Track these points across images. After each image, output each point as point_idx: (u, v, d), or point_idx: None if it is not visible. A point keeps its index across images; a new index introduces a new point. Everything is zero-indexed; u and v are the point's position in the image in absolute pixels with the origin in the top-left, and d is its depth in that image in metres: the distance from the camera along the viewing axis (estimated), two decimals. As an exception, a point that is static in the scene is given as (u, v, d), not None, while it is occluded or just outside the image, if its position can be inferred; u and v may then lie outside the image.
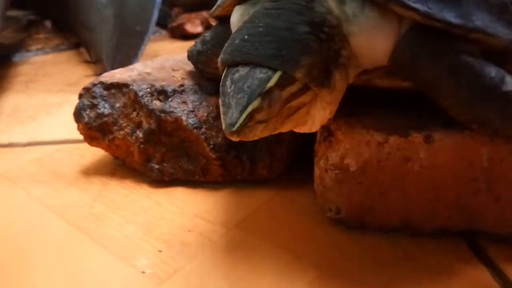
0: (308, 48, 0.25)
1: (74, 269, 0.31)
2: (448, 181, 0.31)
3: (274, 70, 0.25)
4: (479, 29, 0.27)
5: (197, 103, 0.38)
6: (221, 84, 0.26)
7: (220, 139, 0.38)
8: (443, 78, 0.27)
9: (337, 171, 0.32)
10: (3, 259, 0.32)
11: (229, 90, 0.25)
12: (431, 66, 0.27)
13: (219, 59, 0.27)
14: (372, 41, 0.28)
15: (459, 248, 0.33)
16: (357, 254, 0.32)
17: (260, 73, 0.25)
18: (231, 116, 0.24)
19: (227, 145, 0.39)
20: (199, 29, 0.98)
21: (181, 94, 0.39)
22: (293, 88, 0.25)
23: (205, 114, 0.38)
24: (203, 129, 0.38)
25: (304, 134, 0.39)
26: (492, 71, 0.27)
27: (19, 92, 0.65)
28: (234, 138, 0.25)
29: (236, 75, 0.25)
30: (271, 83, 0.25)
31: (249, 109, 0.24)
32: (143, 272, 0.31)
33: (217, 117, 0.38)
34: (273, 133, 0.27)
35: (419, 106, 0.32)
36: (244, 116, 0.24)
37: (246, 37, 0.26)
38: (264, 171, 0.39)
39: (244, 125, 0.24)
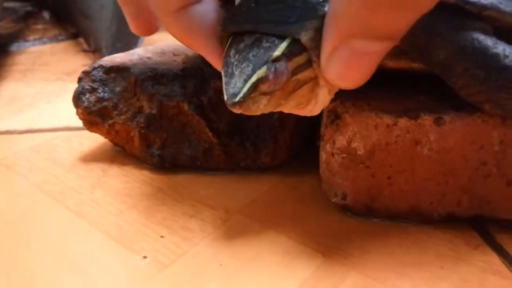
0: (316, 14, 0.24)
1: (74, 255, 0.30)
2: (458, 165, 0.30)
3: (282, 40, 0.24)
4: (493, 6, 0.26)
5: (199, 87, 0.37)
6: (224, 55, 0.25)
7: (222, 124, 0.38)
8: (456, 56, 0.26)
9: (344, 155, 0.31)
10: (2, 246, 0.31)
11: (232, 59, 0.24)
12: (443, 44, 0.27)
13: (221, 25, 0.26)
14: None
15: (468, 234, 0.32)
16: (364, 240, 0.31)
17: (266, 42, 0.24)
18: (234, 85, 0.23)
19: (230, 130, 0.38)
20: (198, 20, 0.97)
21: (183, 78, 0.38)
22: (300, 59, 0.24)
23: (207, 99, 0.37)
24: (205, 114, 0.37)
25: (307, 120, 0.38)
26: (506, 49, 0.26)
27: (16, 81, 0.64)
28: (236, 110, 0.23)
29: (241, 45, 0.24)
30: (278, 51, 0.23)
31: (254, 78, 0.23)
32: (144, 258, 0.30)
33: (219, 101, 0.37)
34: (276, 110, 0.26)
35: (429, 88, 0.32)
36: (248, 85, 0.23)
37: (252, 4, 0.25)
38: (268, 158, 0.38)
39: (247, 95, 0.23)
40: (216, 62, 0.28)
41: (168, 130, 0.38)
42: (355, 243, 0.31)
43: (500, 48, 0.26)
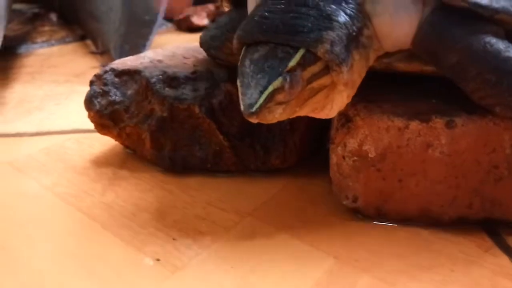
0: (331, 24, 0.24)
1: (86, 257, 0.30)
2: (469, 168, 0.30)
3: (296, 49, 0.24)
4: (504, 10, 0.26)
5: (210, 90, 0.38)
6: (239, 64, 0.26)
7: (233, 127, 0.38)
8: (468, 60, 0.27)
9: (355, 158, 0.31)
10: (14, 248, 0.31)
11: (248, 70, 0.24)
12: (455, 48, 0.27)
13: (235, 37, 0.26)
14: (394, 22, 0.27)
15: (479, 237, 0.32)
16: (375, 243, 0.31)
17: (281, 52, 0.24)
18: (250, 96, 0.24)
19: (240, 133, 0.38)
20: (205, 21, 0.97)
21: (194, 81, 0.38)
22: (314, 69, 0.24)
23: (218, 102, 0.37)
24: (216, 117, 0.37)
25: (317, 123, 0.38)
26: (518, 53, 0.26)
27: (25, 83, 0.65)
28: (253, 120, 0.24)
29: (256, 55, 0.25)
30: (293, 62, 0.24)
31: (270, 89, 0.23)
32: (157, 260, 0.30)
33: (230, 104, 0.37)
34: (291, 117, 0.26)
35: (440, 91, 0.32)
36: (264, 96, 0.23)
37: (266, 14, 0.25)
38: (278, 160, 0.39)
39: (263, 106, 0.23)
40: None
41: (179, 133, 0.39)
42: (366, 246, 0.31)
43: (512, 52, 0.26)
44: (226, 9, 0.38)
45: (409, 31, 0.27)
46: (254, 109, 0.24)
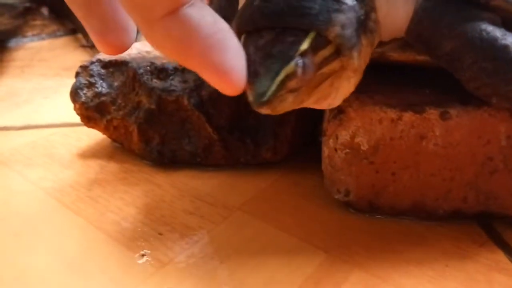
0: (340, 6, 0.23)
1: (71, 252, 0.30)
2: (464, 160, 0.29)
3: (306, 32, 0.23)
4: (501, -4, 0.26)
5: (199, 82, 0.37)
6: None
7: (222, 119, 0.37)
8: (464, 48, 0.26)
9: (347, 151, 0.31)
10: (-3, 242, 0.31)
11: (254, 57, 0.22)
12: (450, 35, 0.26)
13: (234, 26, 0.25)
14: (390, 7, 0.26)
15: (474, 231, 0.31)
16: (367, 238, 0.31)
17: (290, 36, 0.22)
18: (260, 84, 0.21)
19: (230, 126, 0.37)
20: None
21: (183, 72, 0.37)
22: (325, 53, 0.23)
23: (207, 93, 0.36)
24: (205, 109, 0.36)
25: (309, 115, 0.37)
26: (515, 40, 0.26)
27: (14, 76, 0.64)
28: (264, 110, 0.21)
29: (261, 41, 0.22)
30: (305, 45, 0.22)
31: (282, 75, 0.21)
32: (142, 255, 0.29)
33: (220, 96, 0.37)
34: (298, 107, 0.24)
35: (434, 82, 0.31)
36: (276, 83, 0.21)
37: None
38: (268, 153, 0.38)
39: (275, 94, 0.21)
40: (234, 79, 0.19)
41: (167, 126, 0.38)
42: (358, 240, 0.30)
43: (509, 39, 0.25)
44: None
45: (403, 18, 0.26)
46: (266, 98, 0.21)
